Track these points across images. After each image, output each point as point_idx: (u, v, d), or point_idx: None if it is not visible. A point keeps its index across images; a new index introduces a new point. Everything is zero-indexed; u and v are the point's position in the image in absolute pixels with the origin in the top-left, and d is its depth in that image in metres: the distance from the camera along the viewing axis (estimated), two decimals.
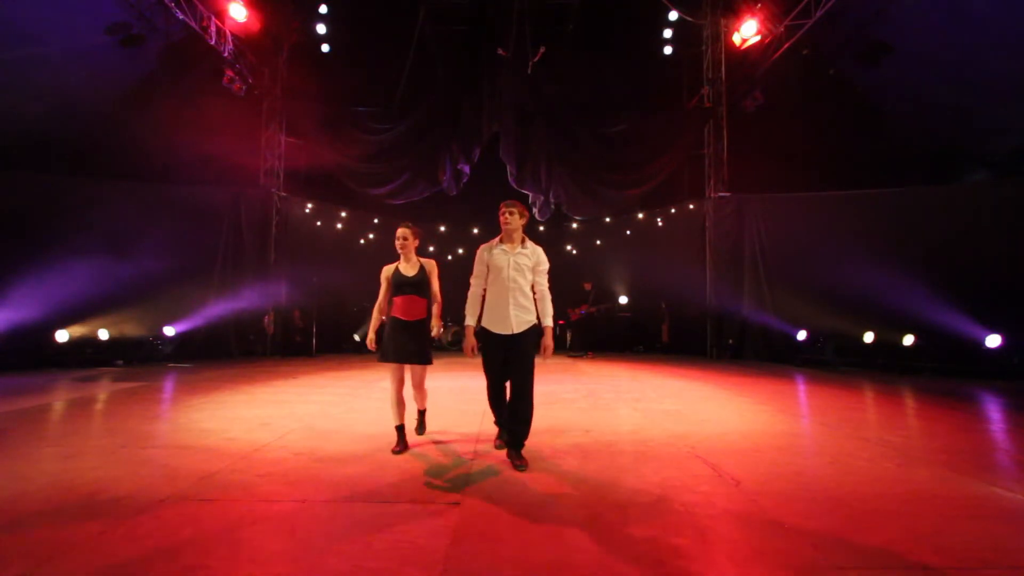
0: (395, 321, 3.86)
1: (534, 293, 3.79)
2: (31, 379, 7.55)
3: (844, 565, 2.14)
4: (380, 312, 3.99)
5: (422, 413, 4.31)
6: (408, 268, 3.94)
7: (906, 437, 4.40)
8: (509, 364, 3.68)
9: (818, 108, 10.87)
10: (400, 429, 3.94)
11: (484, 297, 3.78)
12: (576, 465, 3.54)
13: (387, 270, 4.00)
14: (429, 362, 3.89)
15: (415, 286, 3.88)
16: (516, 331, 3.63)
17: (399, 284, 3.90)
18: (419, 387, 4.04)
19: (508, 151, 11.47)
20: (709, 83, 11.87)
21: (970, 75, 9.24)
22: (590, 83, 12.26)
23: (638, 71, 12.32)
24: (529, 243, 3.82)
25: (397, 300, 3.88)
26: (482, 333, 3.76)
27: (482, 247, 3.82)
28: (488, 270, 3.76)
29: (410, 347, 3.80)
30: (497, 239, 3.81)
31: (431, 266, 4.00)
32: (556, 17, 11.67)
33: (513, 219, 3.71)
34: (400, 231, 3.95)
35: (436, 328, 4.01)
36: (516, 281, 3.68)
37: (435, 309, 4.00)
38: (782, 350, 10.50)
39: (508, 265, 3.69)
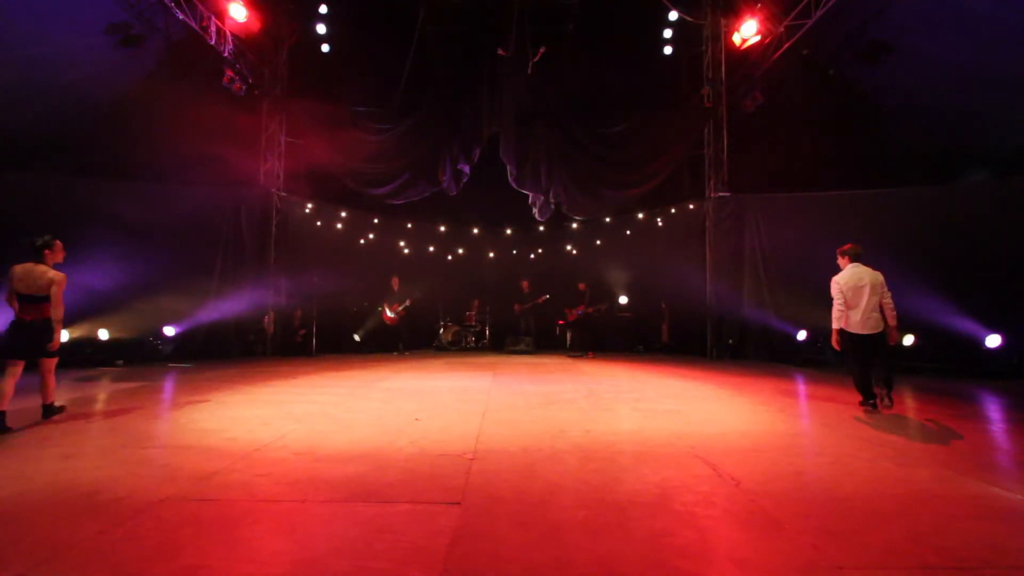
0: None
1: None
2: (31, 379, 7.53)
3: (844, 565, 2.14)
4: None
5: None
6: None
7: (906, 437, 4.40)
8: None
9: (818, 108, 10.86)
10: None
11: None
12: (576, 465, 3.54)
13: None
14: None
15: None
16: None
17: None
18: None
19: (508, 151, 11.46)
20: (709, 83, 11.85)
21: (970, 75, 9.23)
22: (590, 83, 12.24)
23: (638, 71, 12.30)
24: None
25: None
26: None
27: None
28: None
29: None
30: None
31: None
32: (556, 17, 11.65)
33: None
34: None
35: None
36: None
37: None
38: (782, 350, 10.49)
39: None
